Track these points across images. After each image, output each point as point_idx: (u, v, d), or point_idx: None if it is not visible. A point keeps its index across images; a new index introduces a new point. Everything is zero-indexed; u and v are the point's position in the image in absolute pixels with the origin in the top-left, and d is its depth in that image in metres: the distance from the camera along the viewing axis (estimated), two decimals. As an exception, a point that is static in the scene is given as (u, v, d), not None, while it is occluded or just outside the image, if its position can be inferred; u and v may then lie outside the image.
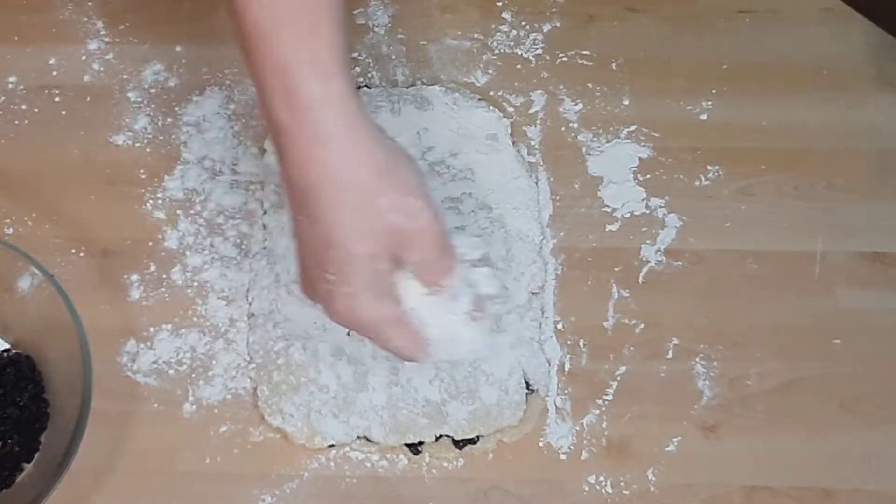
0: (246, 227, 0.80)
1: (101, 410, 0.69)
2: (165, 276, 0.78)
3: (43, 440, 0.72)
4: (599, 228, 0.81)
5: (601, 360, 0.76)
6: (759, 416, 0.74)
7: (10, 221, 0.80)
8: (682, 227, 0.81)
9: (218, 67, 0.86)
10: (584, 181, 0.82)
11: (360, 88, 0.85)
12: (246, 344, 0.76)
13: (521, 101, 0.86)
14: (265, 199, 0.80)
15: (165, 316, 0.77)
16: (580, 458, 0.72)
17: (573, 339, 0.76)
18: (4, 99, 0.85)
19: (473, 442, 0.73)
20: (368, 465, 0.72)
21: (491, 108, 0.84)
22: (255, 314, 0.76)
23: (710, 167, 0.83)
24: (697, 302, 0.78)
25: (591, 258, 0.79)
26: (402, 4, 0.89)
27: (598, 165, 0.83)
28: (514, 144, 0.83)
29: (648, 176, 0.82)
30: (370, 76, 0.86)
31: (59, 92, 0.85)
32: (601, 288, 0.78)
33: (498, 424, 0.72)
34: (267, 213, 0.79)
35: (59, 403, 0.72)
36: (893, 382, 0.75)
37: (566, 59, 0.88)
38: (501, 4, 0.90)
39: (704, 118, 0.85)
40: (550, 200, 0.81)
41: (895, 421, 0.74)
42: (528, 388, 0.74)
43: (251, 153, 0.83)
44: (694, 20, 0.90)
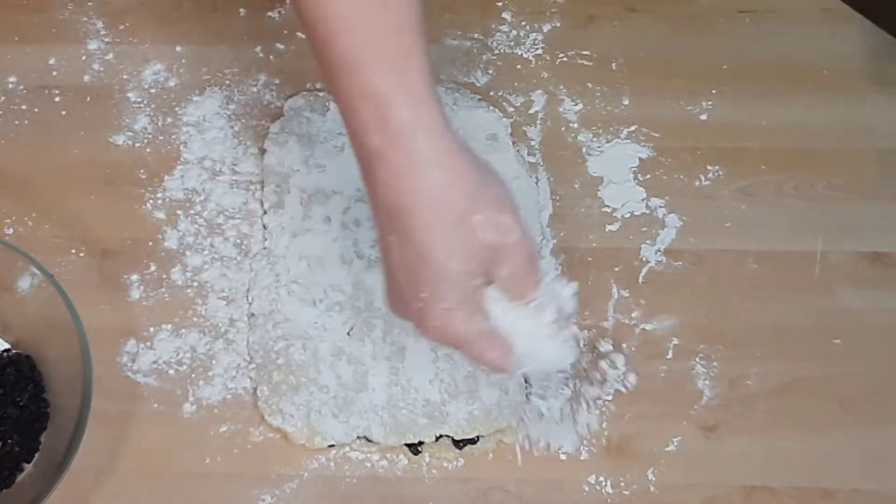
0: (246, 227, 0.80)
1: (101, 410, 0.69)
2: (165, 276, 0.78)
3: (43, 440, 0.72)
4: (599, 228, 0.81)
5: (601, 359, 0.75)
6: (758, 416, 0.74)
7: (10, 221, 0.80)
8: (682, 227, 0.81)
9: (218, 67, 0.86)
10: (584, 181, 0.82)
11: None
12: (246, 344, 0.76)
13: (521, 101, 0.86)
14: (265, 199, 0.80)
15: (165, 316, 0.77)
16: (580, 457, 0.72)
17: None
18: (4, 99, 0.85)
19: (473, 442, 0.73)
20: (368, 465, 0.72)
21: (491, 108, 0.84)
22: (255, 314, 0.76)
23: (710, 167, 0.83)
24: (697, 302, 0.78)
25: (590, 258, 0.79)
26: (402, 4, 0.89)
27: (598, 165, 0.83)
28: (514, 144, 0.83)
29: (648, 176, 0.82)
30: (370, 76, 0.86)
31: (59, 92, 0.85)
32: (601, 288, 0.78)
33: (498, 424, 0.72)
34: (267, 213, 0.79)
35: (59, 403, 0.72)
36: (893, 382, 0.75)
37: (566, 59, 0.88)
38: (501, 4, 0.90)
39: (704, 118, 0.85)
40: (550, 200, 0.81)
41: (895, 421, 0.74)
42: (528, 387, 0.74)
43: (251, 153, 0.83)
44: (694, 20, 0.90)
